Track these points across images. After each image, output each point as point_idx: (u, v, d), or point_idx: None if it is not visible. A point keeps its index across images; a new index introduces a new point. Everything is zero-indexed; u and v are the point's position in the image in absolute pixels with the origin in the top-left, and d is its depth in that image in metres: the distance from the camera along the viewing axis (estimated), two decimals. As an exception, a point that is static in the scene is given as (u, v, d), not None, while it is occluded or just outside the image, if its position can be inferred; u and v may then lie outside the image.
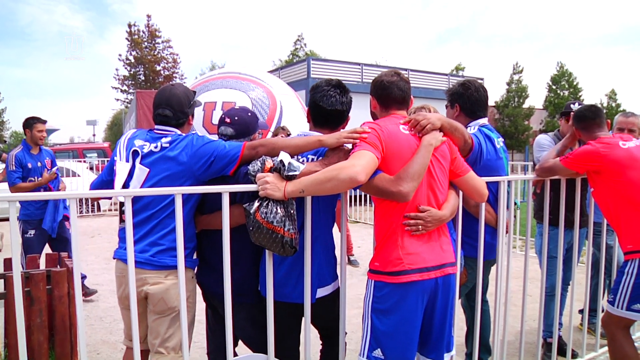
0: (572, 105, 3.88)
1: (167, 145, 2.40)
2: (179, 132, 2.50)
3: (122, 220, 2.30)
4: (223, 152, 2.31)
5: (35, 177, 5.31)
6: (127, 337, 2.67)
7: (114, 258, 2.51)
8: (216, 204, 2.37)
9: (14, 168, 5.23)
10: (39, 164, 5.39)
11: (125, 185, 2.41)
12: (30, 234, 5.29)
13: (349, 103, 2.50)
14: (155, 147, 2.42)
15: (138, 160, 2.42)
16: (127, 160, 2.45)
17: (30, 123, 5.32)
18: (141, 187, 2.37)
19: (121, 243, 2.49)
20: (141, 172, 2.40)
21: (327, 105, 2.43)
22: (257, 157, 2.23)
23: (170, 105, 2.50)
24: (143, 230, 2.39)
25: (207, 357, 2.79)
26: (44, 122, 5.41)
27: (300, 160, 2.36)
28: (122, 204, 2.29)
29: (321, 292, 2.45)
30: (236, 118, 2.59)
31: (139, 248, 2.39)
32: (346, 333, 2.58)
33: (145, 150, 2.43)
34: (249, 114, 2.66)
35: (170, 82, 3.18)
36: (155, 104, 2.55)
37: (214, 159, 2.31)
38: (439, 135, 2.29)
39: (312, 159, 2.38)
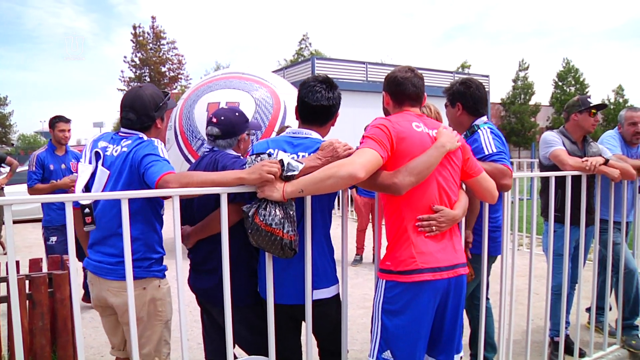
0: (589, 100, 3.71)
1: (126, 148, 2.39)
2: (141, 135, 2.47)
3: (85, 224, 2.30)
4: (150, 173, 2.23)
5: (58, 180, 5.03)
6: (112, 346, 2.69)
7: (83, 267, 2.53)
8: (204, 207, 2.42)
9: (34, 169, 4.98)
10: (63, 165, 5.14)
11: (88, 187, 2.42)
12: (52, 241, 5.04)
13: (336, 99, 2.45)
14: (115, 150, 2.41)
15: (100, 162, 2.42)
16: (90, 162, 2.45)
17: (53, 122, 5.14)
18: (103, 189, 2.37)
19: (88, 249, 2.51)
20: (102, 174, 2.40)
21: (312, 101, 2.39)
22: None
23: (133, 109, 2.46)
24: (104, 238, 2.42)
25: None
26: (68, 121, 5.21)
27: (295, 157, 2.33)
28: (82, 207, 2.30)
29: (319, 295, 2.38)
30: (222, 118, 2.56)
31: (100, 257, 2.41)
32: (348, 351, 2.53)
33: (108, 153, 2.43)
34: (237, 114, 2.63)
35: (139, 84, 3.17)
36: (121, 107, 2.52)
37: (143, 172, 2.27)
38: (455, 140, 2.24)
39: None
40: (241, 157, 2.55)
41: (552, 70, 71.18)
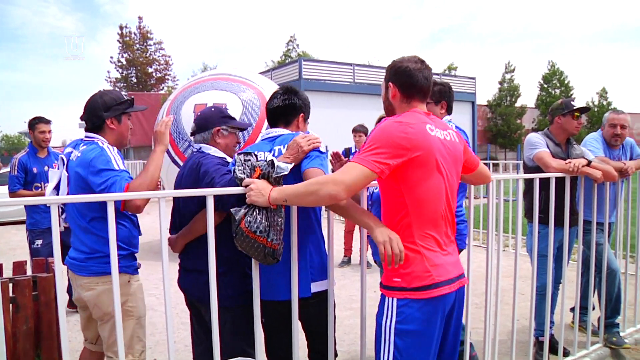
0: (572, 103, 3.75)
1: (80, 154, 2.49)
2: (99, 137, 2.57)
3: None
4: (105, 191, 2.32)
5: (42, 183, 4.92)
6: (85, 339, 2.81)
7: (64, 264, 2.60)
8: (188, 211, 2.47)
9: (16, 173, 4.86)
10: (46, 168, 4.98)
11: (57, 189, 2.57)
12: (38, 245, 4.92)
13: (294, 99, 2.57)
14: (75, 156, 2.54)
15: (65, 167, 2.57)
16: (59, 167, 2.60)
17: (33, 124, 4.98)
18: (67, 192, 2.52)
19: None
20: (64, 177, 2.54)
21: (269, 106, 2.60)
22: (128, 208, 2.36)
23: (84, 110, 2.61)
24: (75, 236, 2.56)
25: None
26: (48, 122, 5.04)
27: (269, 153, 2.37)
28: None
29: (316, 287, 2.37)
30: (199, 114, 2.71)
31: (74, 254, 2.55)
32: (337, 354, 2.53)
33: (71, 158, 2.56)
34: (213, 109, 2.73)
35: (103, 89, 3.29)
36: None
37: (104, 189, 2.34)
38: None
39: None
40: (227, 160, 2.54)
41: (537, 72, 71.97)
